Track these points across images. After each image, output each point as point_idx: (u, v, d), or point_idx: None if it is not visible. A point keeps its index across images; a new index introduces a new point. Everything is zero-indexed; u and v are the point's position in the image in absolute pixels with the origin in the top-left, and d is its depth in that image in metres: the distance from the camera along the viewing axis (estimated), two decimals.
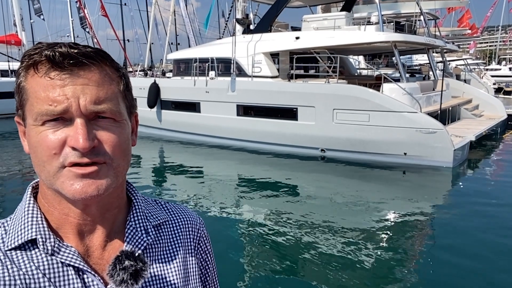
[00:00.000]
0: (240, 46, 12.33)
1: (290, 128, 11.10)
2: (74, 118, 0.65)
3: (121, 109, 0.70)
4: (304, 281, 4.61)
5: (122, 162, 0.70)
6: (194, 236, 0.87)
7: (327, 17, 12.90)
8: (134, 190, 0.82)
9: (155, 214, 0.83)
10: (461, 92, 14.54)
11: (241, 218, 6.63)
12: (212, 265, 0.91)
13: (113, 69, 0.71)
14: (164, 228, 0.83)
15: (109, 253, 0.73)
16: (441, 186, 8.78)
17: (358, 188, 8.36)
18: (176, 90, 13.57)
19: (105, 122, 0.68)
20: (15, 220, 0.72)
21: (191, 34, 22.57)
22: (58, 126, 0.65)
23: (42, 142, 0.65)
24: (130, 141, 0.74)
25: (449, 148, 9.17)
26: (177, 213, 0.87)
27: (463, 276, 4.72)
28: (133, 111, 0.77)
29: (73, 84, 0.64)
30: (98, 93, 0.66)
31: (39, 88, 0.65)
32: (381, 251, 5.36)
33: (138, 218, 0.78)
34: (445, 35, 23.42)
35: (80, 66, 0.65)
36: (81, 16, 22.82)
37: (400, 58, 11.78)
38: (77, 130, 0.64)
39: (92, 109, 0.65)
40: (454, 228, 6.19)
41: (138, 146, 13.70)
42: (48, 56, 0.64)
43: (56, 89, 0.64)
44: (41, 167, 0.66)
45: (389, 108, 9.64)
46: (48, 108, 0.64)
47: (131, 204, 0.80)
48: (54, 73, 0.64)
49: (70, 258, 0.69)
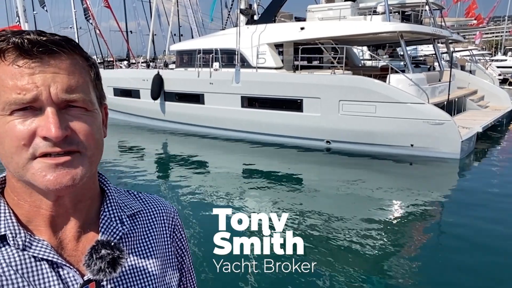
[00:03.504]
0: (244, 37, 12.21)
1: (295, 119, 11.02)
2: (45, 107, 0.62)
3: (92, 98, 0.69)
4: (308, 273, 4.57)
5: (96, 152, 0.69)
6: (169, 224, 0.86)
7: (332, 7, 12.73)
8: (106, 181, 0.80)
9: (129, 204, 0.82)
10: (467, 83, 14.40)
11: (245, 210, 6.60)
12: (187, 253, 0.91)
13: (83, 58, 0.69)
14: (139, 217, 0.81)
15: (84, 244, 0.72)
16: (448, 178, 8.72)
17: (363, 180, 8.30)
18: (180, 82, 13.47)
19: (76, 111, 0.66)
20: None
21: (194, 25, 22.41)
22: (27, 115, 0.62)
23: (10, 132, 0.62)
24: (102, 132, 0.72)
25: (457, 139, 9.09)
26: (150, 203, 0.86)
27: (470, 268, 4.68)
28: (103, 102, 0.75)
29: (43, 73, 0.62)
30: (69, 81, 0.64)
31: (7, 76, 0.62)
32: (387, 243, 5.32)
33: (112, 208, 0.77)
34: (450, 25, 23.13)
35: (50, 54, 0.63)
36: (84, 7, 22.66)
37: (406, 48, 11.63)
38: (48, 119, 0.62)
39: (63, 98, 0.63)
40: (462, 220, 6.14)
41: (142, 138, 13.66)
42: (16, 43, 0.61)
43: (25, 77, 0.61)
44: (9, 158, 0.64)
45: (396, 99, 9.54)
46: (17, 96, 0.61)
47: (104, 195, 0.79)
48: (22, 61, 0.62)
49: (43, 252, 0.67)
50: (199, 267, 4.60)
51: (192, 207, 6.72)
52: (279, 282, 4.42)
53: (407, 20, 12.26)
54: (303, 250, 5.17)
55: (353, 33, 11.21)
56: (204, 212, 6.47)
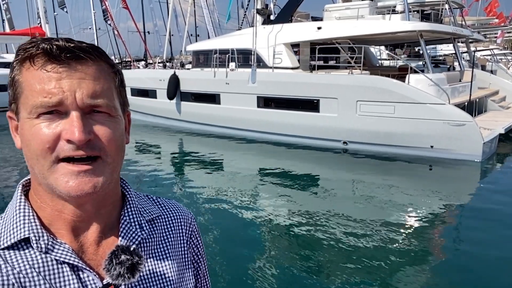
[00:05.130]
0: (260, 37, 12.17)
1: (311, 120, 10.92)
2: (70, 111, 0.64)
3: (116, 104, 0.70)
4: (324, 275, 4.51)
5: (117, 158, 0.70)
6: (186, 230, 0.88)
7: (349, 6, 12.58)
8: (127, 185, 0.82)
9: (148, 209, 0.83)
10: (488, 83, 14.06)
11: (261, 211, 6.55)
12: (203, 259, 0.92)
13: (108, 65, 0.71)
14: (158, 222, 0.83)
15: (104, 248, 0.73)
16: (469, 181, 8.50)
17: (381, 182, 8.16)
18: (196, 82, 13.52)
19: (100, 116, 0.67)
20: (7, 218, 0.71)
21: (210, 25, 22.48)
22: (53, 119, 0.64)
23: (36, 135, 0.64)
24: (124, 138, 0.74)
25: (479, 141, 8.86)
26: (169, 208, 0.87)
27: (490, 275, 4.52)
28: (126, 109, 0.77)
29: (69, 78, 0.64)
30: (94, 87, 0.66)
31: (35, 80, 0.64)
32: (404, 247, 5.20)
33: (132, 213, 0.79)
34: (471, 24, 22.65)
35: (77, 60, 0.65)
36: (103, 8, 23.00)
37: (426, 48, 11.40)
38: (73, 122, 0.64)
39: (88, 103, 0.65)
40: (483, 224, 5.96)
41: (158, 138, 13.81)
42: (45, 49, 0.64)
43: (52, 82, 0.63)
44: (35, 160, 0.66)
45: (415, 99, 9.36)
46: (43, 100, 0.63)
47: (124, 200, 0.80)
48: (50, 66, 0.64)
49: (64, 255, 0.68)
50: (214, 266, 4.58)
51: (207, 207, 6.70)
52: (293, 282, 4.36)
53: (427, 19, 12.01)
54: (318, 252, 5.11)
55: (371, 33, 11.05)
56: (220, 212, 6.45)
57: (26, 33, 23.88)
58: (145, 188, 7.85)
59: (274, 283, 4.39)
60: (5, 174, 9.04)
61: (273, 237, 5.62)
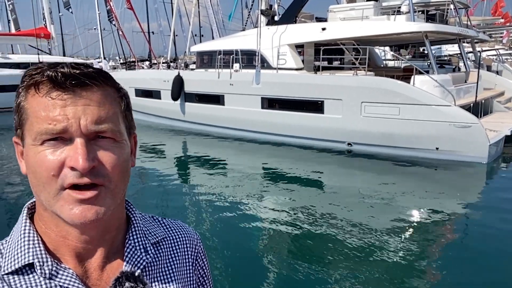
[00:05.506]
0: (264, 38, 12.15)
1: (316, 121, 10.89)
2: (74, 138, 0.65)
3: (121, 129, 0.71)
4: (327, 276, 4.48)
5: (120, 184, 0.70)
6: (192, 252, 0.87)
7: (354, 7, 12.53)
8: (132, 208, 0.82)
9: (153, 231, 0.83)
10: (493, 84, 13.94)
11: (264, 212, 6.54)
12: (208, 280, 0.92)
13: (114, 89, 0.71)
14: (163, 245, 0.83)
15: (108, 274, 0.73)
16: (475, 183, 8.45)
17: (386, 183, 8.12)
18: (200, 83, 13.52)
19: (105, 142, 0.68)
20: (11, 243, 0.71)
21: (215, 26, 22.49)
22: (58, 146, 0.65)
23: (41, 162, 0.65)
24: (130, 162, 0.74)
25: (485, 143, 8.79)
26: (174, 229, 0.87)
27: (495, 280, 4.48)
28: (132, 132, 0.77)
29: (74, 105, 0.65)
30: (99, 112, 0.66)
31: (40, 107, 0.64)
32: (409, 250, 5.16)
33: (137, 236, 0.78)
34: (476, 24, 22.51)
35: (82, 86, 0.66)
36: (108, 9, 23.07)
37: (431, 49, 11.33)
38: (76, 150, 0.64)
39: (93, 129, 0.65)
40: (488, 227, 5.91)
41: (162, 138, 13.77)
42: (50, 77, 0.64)
43: (57, 109, 0.64)
44: (41, 187, 0.66)
45: (420, 101, 9.31)
46: (48, 127, 0.64)
47: (129, 222, 0.80)
48: (55, 93, 0.64)
49: (68, 281, 0.68)
50: (218, 267, 4.57)
51: (210, 208, 6.70)
52: (298, 285, 4.34)
53: (432, 20, 11.94)
54: (322, 254, 5.08)
55: (376, 34, 11.00)
56: (223, 213, 6.44)
57: (32, 33, 24.01)
58: (148, 189, 7.86)
59: (278, 285, 4.37)
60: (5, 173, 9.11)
61: (277, 238, 5.60)
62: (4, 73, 20.47)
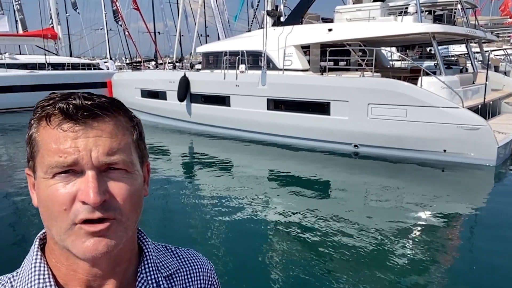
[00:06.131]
0: (270, 39, 12.12)
1: (322, 123, 10.86)
2: (85, 170, 0.64)
3: (133, 159, 0.69)
4: (335, 280, 4.46)
5: (132, 216, 0.69)
6: (205, 284, 0.85)
7: (361, 8, 12.46)
8: (145, 238, 0.80)
9: (166, 263, 0.81)
10: (501, 85, 13.80)
11: (270, 214, 6.52)
12: None
13: (127, 119, 0.70)
14: (176, 278, 0.81)
15: None
16: (483, 185, 8.37)
17: (393, 186, 8.07)
18: (206, 84, 13.53)
19: (116, 173, 0.67)
20: (22, 276, 0.70)
21: (220, 26, 22.50)
22: (69, 178, 0.64)
23: (52, 196, 0.64)
24: (142, 192, 0.72)
25: (493, 145, 8.71)
26: (188, 260, 0.86)
27: (504, 285, 4.43)
28: (145, 161, 0.76)
29: (85, 137, 0.64)
30: (111, 144, 0.65)
31: (51, 140, 0.64)
32: (417, 253, 5.12)
33: (149, 269, 0.77)
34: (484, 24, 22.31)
35: (94, 118, 0.65)
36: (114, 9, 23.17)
37: (438, 49, 11.24)
38: (88, 183, 0.63)
39: (104, 161, 0.64)
40: (497, 230, 5.86)
41: (167, 139, 13.76)
42: (61, 109, 0.64)
43: (68, 141, 0.63)
44: (53, 221, 0.65)
45: (428, 103, 9.24)
46: (58, 160, 0.63)
47: (142, 254, 0.78)
48: (67, 125, 0.64)
49: None
50: (224, 270, 4.56)
51: (215, 210, 6.69)
52: (303, 286, 4.32)
53: (439, 20, 11.85)
54: (330, 257, 5.06)
55: (383, 35, 10.94)
56: (229, 214, 6.43)
57: (39, 34, 24.17)
58: (153, 190, 7.87)
59: (284, 285, 4.36)
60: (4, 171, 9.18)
61: (283, 241, 5.58)
62: (11, 74, 20.63)
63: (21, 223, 6.56)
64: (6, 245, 5.60)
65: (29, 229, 6.19)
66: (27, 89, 19.46)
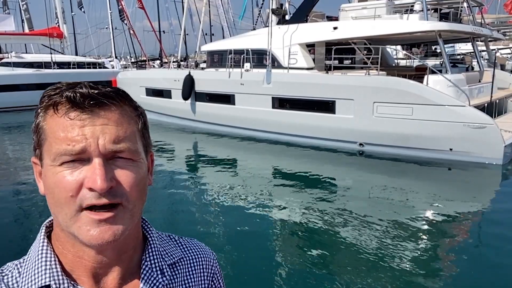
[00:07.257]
0: (275, 37, 12.10)
1: (327, 121, 10.83)
2: (92, 158, 0.65)
3: (138, 148, 0.71)
4: (339, 278, 4.44)
5: (138, 203, 0.70)
6: (208, 273, 0.87)
7: (366, 6, 12.40)
8: (149, 227, 0.82)
9: (170, 251, 0.83)
10: (508, 83, 13.68)
11: (275, 212, 6.51)
12: None
13: (132, 108, 0.72)
14: (179, 266, 0.83)
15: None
16: (490, 185, 8.31)
17: (398, 185, 8.04)
18: (211, 82, 13.54)
19: (122, 161, 0.68)
20: (29, 262, 0.72)
21: (225, 25, 22.49)
22: (76, 166, 0.65)
23: (59, 183, 0.65)
24: (147, 181, 0.74)
25: (500, 144, 8.64)
26: (191, 250, 0.87)
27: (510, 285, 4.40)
28: (149, 150, 0.77)
29: (92, 125, 0.65)
30: (117, 132, 0.67)
31: (58, 128, 0.65)
32: (422, 253, 5.09)
33: (153, 257, 0.78)
34: (490, 22, 22.14)
35: (101, 106, 0.66)
36: (119, 8, 23.24)
37: (444, 48, 11.17)
38: (95, 170, 0.64)
39: (111, 148, 0.66)
40: (504, 229, 5.81)
41: (172, 137, 13.79)
42: (68, 97, 0.65)
43: (75, 129, 0.64)
44: (59, 208, 0.66)
45: (434, 101, 9.18)
46: (67, 148, 0.64)
47: (146, 242, 0.80)
48: (74, 113, 0.65)
49: None
50: (228, 268, 4.56)
51: (219, 208, 6.70)
52: (309, 285, 4.31)
53: (446, 19, 11.76)
54: (335, 256, 5.04)
55: (389, 33, 10.88)
56: (233, 213, 6.44)
57: (45, 33, 24.29)
58: (157, 188, 7.88)
59: (288, 284, 4.35)
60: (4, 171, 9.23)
61: (287, 240, 5.58)
62: (18, 73, 20.77)
63: (27, 215, 6.65)
64: (13, 236, 5.69)
65: (35, 220, 6.29)
66: (33, 88, 19.59)
